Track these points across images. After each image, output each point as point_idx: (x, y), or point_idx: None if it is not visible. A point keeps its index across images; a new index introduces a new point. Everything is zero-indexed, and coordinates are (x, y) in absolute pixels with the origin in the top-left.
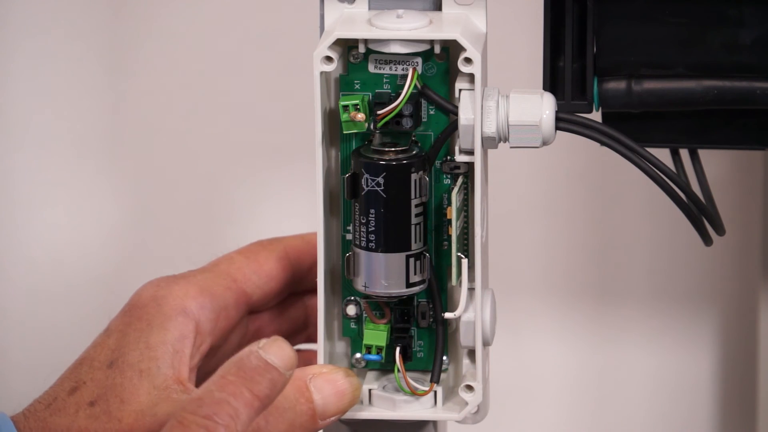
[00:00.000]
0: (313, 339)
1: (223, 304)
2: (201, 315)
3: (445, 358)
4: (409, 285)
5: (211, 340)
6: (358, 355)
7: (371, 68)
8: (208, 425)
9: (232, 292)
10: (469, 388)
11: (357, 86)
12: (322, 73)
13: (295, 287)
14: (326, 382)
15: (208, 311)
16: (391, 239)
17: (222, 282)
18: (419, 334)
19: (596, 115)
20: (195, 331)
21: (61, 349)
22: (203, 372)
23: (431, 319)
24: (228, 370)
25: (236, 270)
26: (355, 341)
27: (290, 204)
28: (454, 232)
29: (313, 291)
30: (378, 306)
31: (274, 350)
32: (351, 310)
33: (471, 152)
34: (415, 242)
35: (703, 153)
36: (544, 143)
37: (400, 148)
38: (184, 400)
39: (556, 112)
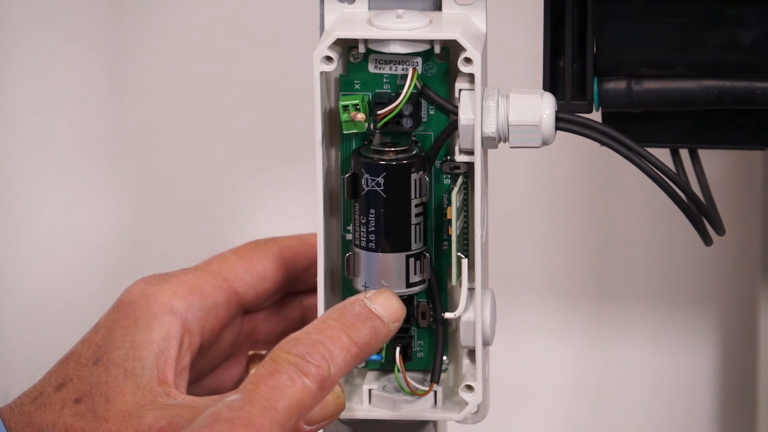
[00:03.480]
0: None
1: (213, 303)
2: (189, 314)
3: (445, 358)
4: (409, 285)
5: (200, 339)
6: None
7: (371, 68)
8: (300, 364)
9: (223, 291)
10: (469, 388)
11: (357, 86)
12: (322, 73)
13: (292, 287)
14: None
15: (196, 310)
16: (391, 239)
17: (212, 281)
18: (419, 334)
19: (596, 115)
20: (182, 330)
21: (60, 349)
22: (196, 370)
23: (431, 319)
24: (329, 315)
25: (228, 269)
26: None
27: (290, 204)
28: (454, 232)
29: (310, 291)
30: None
31: (381, 301)
32: None
33: (471, 152)
34: (415, 242)
35: (703, 153)
36: (544, 143)
37: (400, 148)
38: (284, 339)
39: (556, 112)
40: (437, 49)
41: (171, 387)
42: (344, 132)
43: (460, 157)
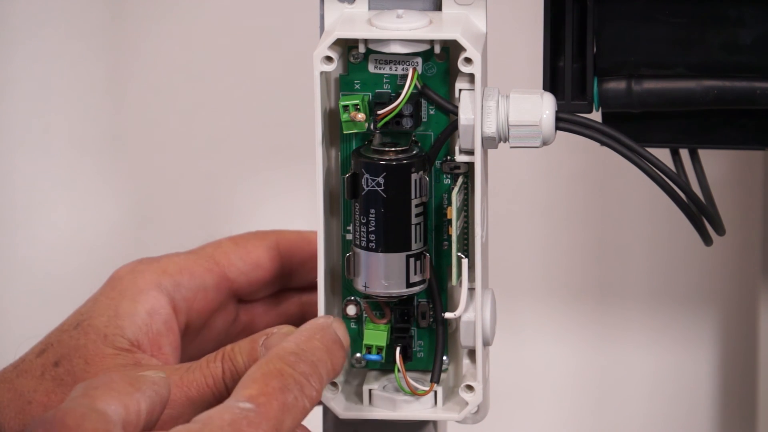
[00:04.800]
0: None
1: (202, 284)
2: (176, 293)
3: (445, 358)
4: (409, 285)
5: (185, 319)
6: (358, 354)
7: (371, 68)
8: (304, 385)
9: (213, 274)
10: (469, 388)
11: (357, 86)
12: (322, 73)
13: (288, 281)
14: None
15: (184, 290)
16: (391, 239)
17: (204, 263)
18: (419, 334)
19: (596, 115)
20: (168, 307)
21: None
22: (186, 355)
23: (431, 319)
24: (312, 334)
25: (221, 254)
26: (356, 341)
27: (290, 204)
28: (454, 232)
29: (309, 287)
30: (378, 306)
31: (342, 331)
32: (351, 310)
33: (471, 152)
34: (415, 242)
35: (703, 153)
36: (544, 143)
37: (400, 148)
38: (281, 349)
39: (556, 112)
40: (437, 49)
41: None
42: (344, 132)
43: (460, 157)
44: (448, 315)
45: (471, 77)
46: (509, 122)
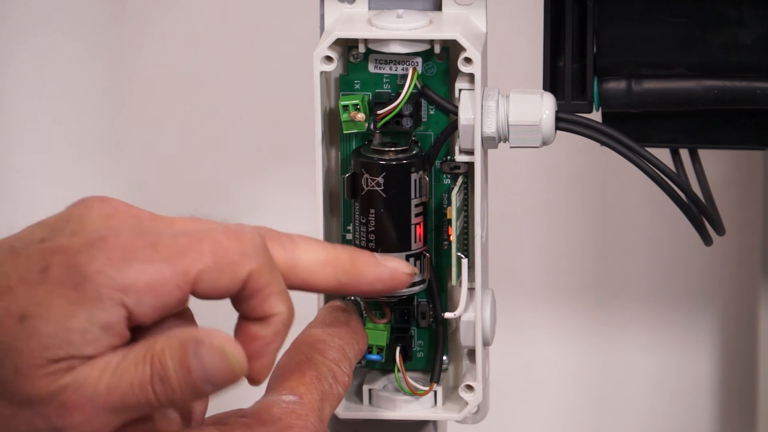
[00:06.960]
0: None
1: (167, 303)
2: (137, 308)
3: (445, 358)
4: (409, 285)
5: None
6: None
7: (371, 68)
8: (336, 372)
9: (182, 292)
10: (469, 388)
11: (357, 86)
12: (322, 73)
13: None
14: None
15: (147, 307)
16: (391, 239)
17: (174, 280)
18: (419, 334)
19: (596, 115)
20: (123, 322)
21: None
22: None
23: (431, 319)
24: (337, 317)
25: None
26: None
27: (290, 204)
28: (454, 232)
29: None
30: (378, 306)
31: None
32: None
33: (471, 152)
34: (415, 242)
35: (703, 153)
36: (544, 143)
37: (400, 148)
38: (308, 337)
39: (556, 112)
40: (437, 49)
41: None
42: (344, 132)
43: (460, 157)
44: (448, 315)
45: (471, 77)
46: (509, 122)
